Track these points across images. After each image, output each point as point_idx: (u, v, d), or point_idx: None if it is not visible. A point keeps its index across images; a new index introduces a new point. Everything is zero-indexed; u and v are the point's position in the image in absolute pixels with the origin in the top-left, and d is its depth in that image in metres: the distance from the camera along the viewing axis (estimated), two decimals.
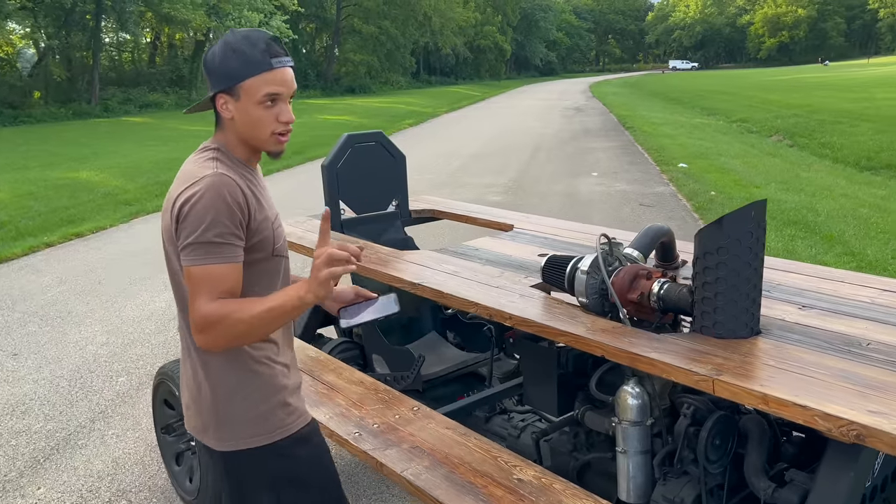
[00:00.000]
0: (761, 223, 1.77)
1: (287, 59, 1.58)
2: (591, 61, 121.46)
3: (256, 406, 1.66)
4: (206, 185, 1.51)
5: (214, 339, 1.52)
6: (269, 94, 1.55)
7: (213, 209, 1.49)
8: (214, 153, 1.60)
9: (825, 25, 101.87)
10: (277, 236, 1.65)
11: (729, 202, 8.96)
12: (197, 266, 1.50)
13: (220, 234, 1.49)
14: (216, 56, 1.57)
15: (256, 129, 1.58)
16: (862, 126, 17.72)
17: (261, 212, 1.59)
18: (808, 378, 1.56)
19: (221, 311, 1.49)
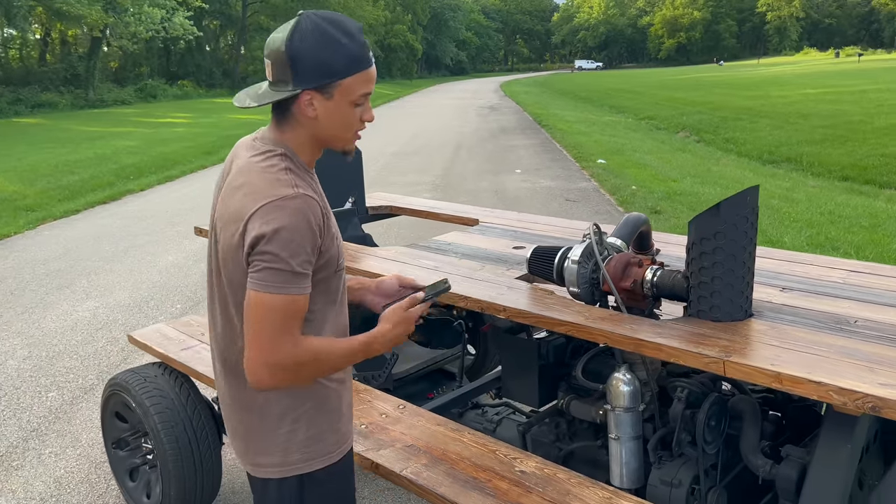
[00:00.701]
0: (755, 208, 1.82)
1: (372, 55, 1.46)
2: (500, 61, 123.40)
3: (305, 430, 1.54)
4: (293, 210, 1.35)
5: (287, 378, 1.42)
6: (365, 95, 1.43)
7: (299, 239, 1.35)
8: (285, 161, 1.43)
9: (719, 27, 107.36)
10: (341, 252, 1.52)
11: (650, 196, 9.28)
12: (282, 296, 1.35)
13: (302, 263, 1.36)
14: (307, 44, 1.37)
15: (343, 130, 1.45)
16: (761, 122, 18.75)
17: (331, 227, 1.45)
18: (814, 356, 1.61)
19: (311, 350, 1.41)
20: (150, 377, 2.78)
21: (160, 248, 7.60)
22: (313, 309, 1.46)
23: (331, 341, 1.45)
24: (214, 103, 33.92)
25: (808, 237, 6.93)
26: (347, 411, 1.63)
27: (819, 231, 7.18)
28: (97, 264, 6.99)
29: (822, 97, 24.60)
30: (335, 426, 1.58)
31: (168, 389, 2.74)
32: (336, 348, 1.45)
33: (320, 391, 1.54)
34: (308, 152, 1.49)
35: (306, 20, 1.41)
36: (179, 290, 6.05)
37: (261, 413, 1.53)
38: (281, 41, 1.40)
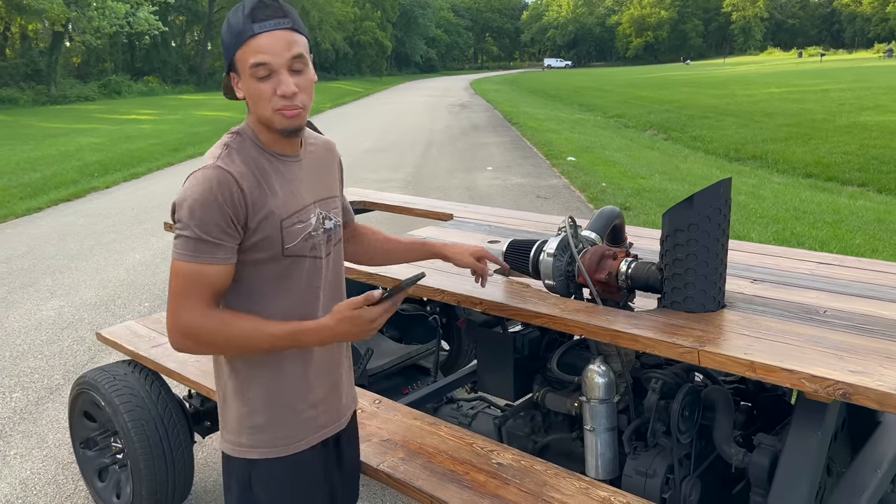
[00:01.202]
0: (728, 200, 1.84)
1: (277, 20, 1.40)
2: (470, 59, 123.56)
3: (252, 416, 1.57)
4: (201, 179, 1.41)
5: (192, 346, 1.44)
6: (255, 65, 1.39)
7: (203, 206, 1.38)
8: (231, 138, 1.49)
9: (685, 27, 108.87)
10: (290, 234, 1.48)
11: (619, 192, 9.37)
12: (186, 262, 1.40)
13: (212, 233, 1.39)
14: (222, 33, 1.46)
15: (259, 107, 1.44)
16: (727, 120, 19.04)
17: (264, 207, 1.44)
18: (785, 345, 1.64)
19: (217, 324, 1.42)
20: (120, 375, 2.74)
21: (127, 245, 7.47)
22: (256, 288, 1.49)
23: (251, 321, 1.44)
24: (181, 100, 33.46)
25: (774, 232, 7.07)
26: (313, 411, 1.61)
27: (785, 227, 7.32)
28: (62, 262, 6.85)
29: (786, 96, 25.08)
30: (287, 421, 1.57)
31: (138, 387, 2.70)
32: (255, 330, 1.43)
33: (273, 382, 1.55)
34: (266, 134, 1.50)
35: None
36: (147, 288, 5.96)
37: (223, 388, 1.59)
38: None
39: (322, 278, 1.58)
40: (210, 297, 1.43)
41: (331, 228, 1.60)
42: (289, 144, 1.53)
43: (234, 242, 1.43)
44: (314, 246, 1.54)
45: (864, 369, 1.49)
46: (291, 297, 1.52)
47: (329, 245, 1.60)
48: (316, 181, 1.60)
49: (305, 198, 1.54)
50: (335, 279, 1.64)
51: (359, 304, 1.41)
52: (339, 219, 1.65)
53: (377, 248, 1.96)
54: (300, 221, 1.51)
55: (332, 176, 1.68)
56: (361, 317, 1.41)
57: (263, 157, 1.49)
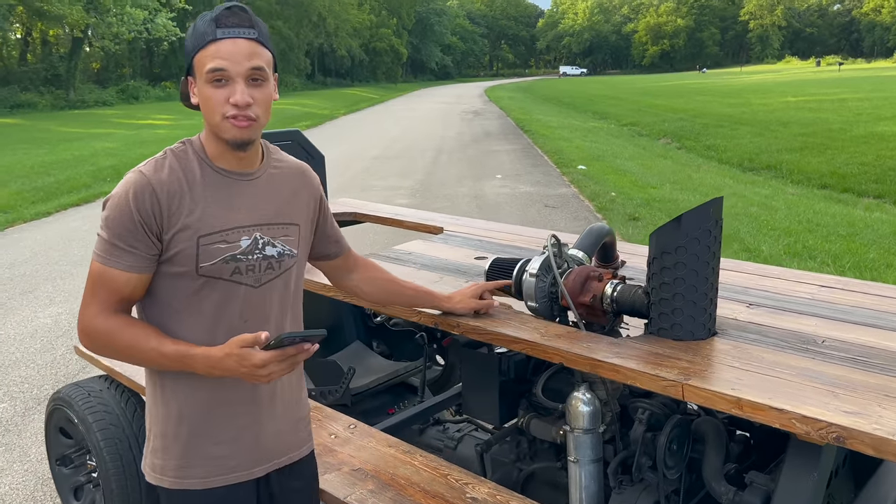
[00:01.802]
0: (719, 221, 1.73)
1: (241, 29, 1.36)
2: (486, 66, 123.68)
3: (152, 437, 1.51)
4: (123, 183, 1.40)
5: (89, 346, 1.43)
6: (211, 70, 1.34)
7: (117, 210, 1.37)
8: (176, 146, 1.46)
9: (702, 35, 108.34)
10: (207, 253, 1.40)
11: (629, 202, 9.24)
12: (96, 262, 1.40)
13: (121, 238, 1.37)
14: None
15: (209, 113, 1.38)
16: (741, 129, 18.82)
17: (181, 220, 1.38)
18: (776, 379, 1.52)
19: (108, 330, 1.39)
20: (95, 391, 2.65)
21: None
22: (168, 302, 1.43)
23: (144, 333, 1.39)
24: None
25: (785, 245, 6.90)
26: (218, 449, 1.49)
27: (797, 240, 7.15)
28: (65, 268, 6.81)
29: (802, 105, 24.79)
30: (190, 454, 1.48)
31: (113, 405, 2.61)
32: (146, 343, 1.38)
33: (183, 408, 1.47)
34: (212, 146, 1.45)
35: None
36: None
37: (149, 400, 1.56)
38: None
39: (248, 308, 1.47)
40: (114, 301, 1.40)
41: (273, 256, 1.49)
42: (237, 160, 1.45)
43: (149, 252, 1.39)
44: (238, 270, 1.44)
45: (860, 410, 1.37)
46: (203, 320, 1.44)
47: (269, 273, 1.49)
48: (266, 203, 1.50)
49: (240, 218, 1.45)
50: (277, 313, 1.52)
51: (247, 342, 1.31)
52: (291, 249, 1.53)
53: (379, 287, 1.90)
54: (224, 241, 1.42)
55: (295, 202, 1.57)
56: (248, 358, 1.31)
57: (202, 170, 1.44)
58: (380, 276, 1.90)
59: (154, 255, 1.39)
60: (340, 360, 3.13)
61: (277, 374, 1.33)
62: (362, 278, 1.87)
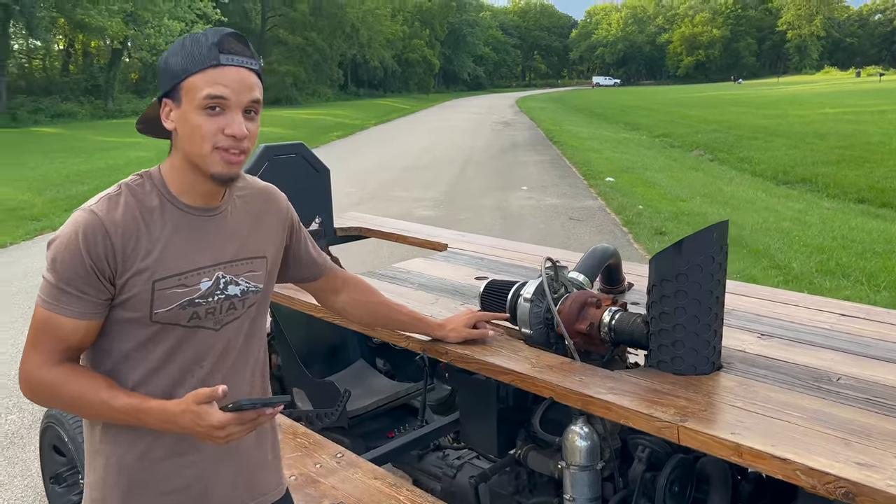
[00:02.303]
0: (723, 246, 1.60)
1: (245, 59, 1.27)
2: (518, 76, 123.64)
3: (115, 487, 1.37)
4: (71, 222, 1.27)
5: (33, 397, 1.31)
6: (210, 97, 1.23)
7: (65, 252, 1.24)
8: (131, 180, 1.32)
9: (738, 45, 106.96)
10: (163, 298, 1.28)
11: (657, 216, 9.04)
12: (43, 310, 1.27)
13: (69, 283, 1.24)
14: (166, 54, 1.29)
15: (194, 142, 1.26)
16: (777, 141, 18.41)
17: (136, 264, 1.26)
18: (782, 422, 1.38)
19: (54, 382, 1.27)
20: None
21: None
22: (119, 348, 1.31)
23: (94, 385, 1.26)
24: None
25: (818, 263, 6.66)
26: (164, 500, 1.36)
27: (830, 256, 6.90)
28: None
29: (840, 117, 24.19)
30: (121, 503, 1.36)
31: None
32: (95, 396, 1.25)
33: (112, 452, 1.35)
34: (181, 180, 1.32)
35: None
36: None
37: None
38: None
39: (207, 352, 1.36)
40: (59, 350, 1.27)
41: (235, 296, 1.38)
42: (204, 195, 1.34)
43: (100, 297, 1.26)
44: (197, 315, 1.33)
45: (874, 461, 1.23)
46: (156, 366, 1.32)
47: (231, 314, 1.38)
48: (230, 239, 1.38)
49: (200, 259, 1.33)
50: (236, 354, 1.41)
51: (203, 397, 1.19)
52: (256, 284, 1.42)
53: (369, 310, 1.80)
54: (182, 285, 1.30)
55: (261, 231, 1.46)
56: (205, 417, 1.19)
57: (162, 207, 1.31)
58: (370, 300, 1.80)
59: (106, 301, 1.27)
60: (342, 379, 3.04)
61: (236, 435, 1.22)
62: (350, 300, 1.77)
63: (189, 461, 1.37)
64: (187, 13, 33.65)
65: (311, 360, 3.04)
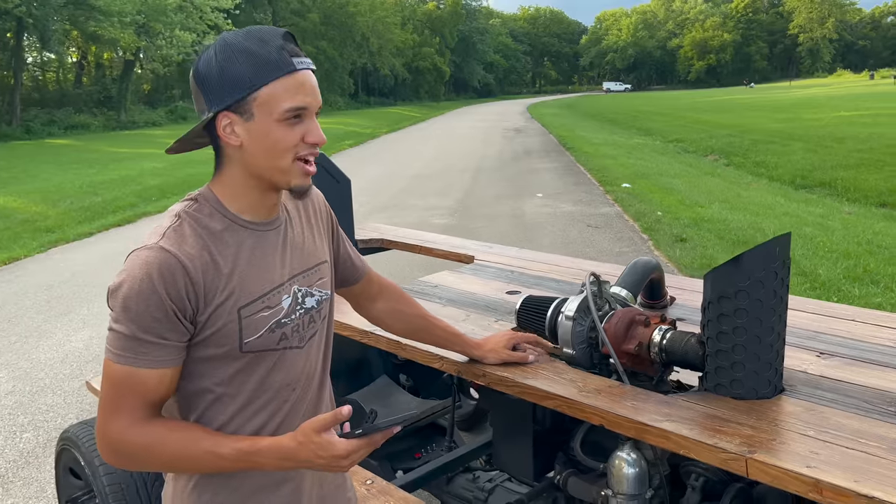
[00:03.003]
0: (786, 261, 1.48)
1: (308, 60, 1.18)
2: (528, 83, 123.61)
3: None
4: (141, 263, 1.12)
5: (121, 462, 1.16)
6: (295, 108, 1.13)
7: (139, 297, 1.11)
8: (186, 205, 1.20)
9: (749, 49, 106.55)
10: (252, 325, 1.18)
11: (676, 222, 8.89)
12: (117, 364, 1.12)
13: (148, 330, 1.11)
14: (213, 62, 1.14)
15: (276, 157, 1.15)
16: (793, 145, 18.20)
17: (219, 295, 1.16)
18: (861, 454, 1.26)
19: (146, 441, 1.13)
20: None
21: None
22: (205, 388, 1.19)
23: (192, 437, 1.14)
24: None
25: (844, 269, 6.50)
26: None
27: (857, 263, 6.73)
28: (101, 291, 6.79)
29: (856, 120, 23.93)
30: None
31: None
32: (197, 449, 1.13)
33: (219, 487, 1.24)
34: (244, 197, 1.21)
35: (218, 40, 1.18)
36: None
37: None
38: (194, 68, 1.18)
39: (299, 374, 1.26)
40: (145, 406, 1.14)
41: (313, 307, 1.29)
42: (266, 208, 1.24)
43: (181, 339, 1.14)
44: (285, 335, 1.23)
45: None
46: (249, 403, 1.22)
47: (311, 328, 1.29)
48: (296, 248, 1.29)
49: (277, 275, 1.23)
50: (319, 370, 1.32)
51: (326, 424, 1.09)
52: (326, 290, 1.33)
53: (406, 322, 1.70)
54: (267, 308, 1.20)
55: (319, 233, 1.37)
56: (328, 448, 1.09)
57: (227, 228, 1.20)
58: (408, 311, 1.69)
59: (187, 342, 1.16)
60: (364, 396, 2.94)
61: (359, 459, 1.14)
62: (388, 309, 1.67)
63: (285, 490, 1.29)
64: (198, 24, 33.82)
65: (332, 376, 2.93)
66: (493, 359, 1.77)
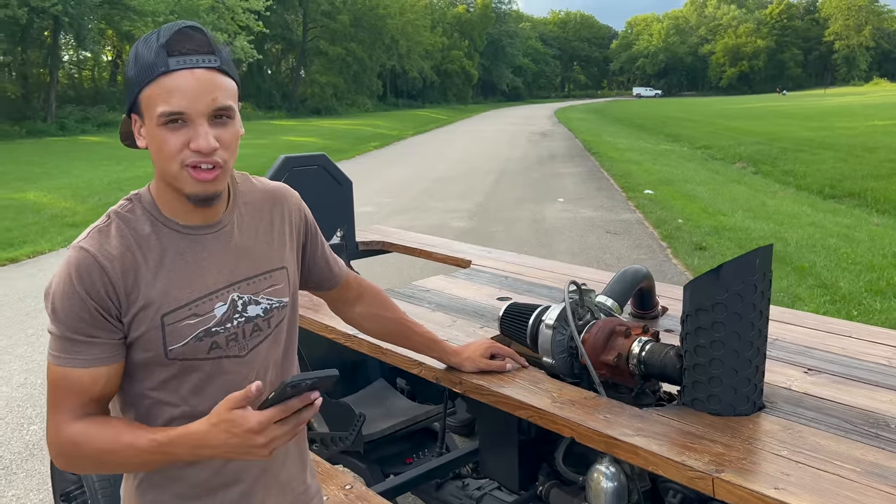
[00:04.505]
0: (767, 274, 1.44)
1: (201, 56, 1.09)
2: (557, 87, 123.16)
3: None
4: (64, 264, 1.14)
5: (66, 465, 1.16)
6: (165, 114, 1.08)
7: (63, 298, 1.11)
8: (119, 207, 1.19)
9: (783, 56, 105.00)
10: (176, 333, 1.16)
11: (696, 230, 8.77)
12: (56, 366, 1.13)
13: (77, 330, 1.11)
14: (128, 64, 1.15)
15: (164, 163, 1.12)
16: (823, 154, 17.87)
17: (140, 298, 1.14)
18: (833, 476, 1.22)
19: (73, 438, 1.12)
20: None
21: None
22: (146, 393, 1.18)
23: (114, 432, 1.12)
24: (272, 125, 34.49)
25: (867, 282, 6.34)
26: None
27: (881, 275, 6.57)
28: None
29: (891, 129, 23.42)
30: None
31: None
32: (118, 443, 1.10)
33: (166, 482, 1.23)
34: (171, 200, 1.18)
35: None
36: None
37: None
38: None
39: (236, 381, 1.22)
40: (82, 405, 1.13)
41: (258, 316, 1.24)
42: (199, 213, 1.19)
43: (113, 338, 1.13)
44: (216, 344, 1.20)
45: None
46: (193, 410, 1.19)
47: (256, 336, 1.24)
48: (241, 254, 1.24)
49: (211, 282, 1.20)
50: (272, 376, 1.28)
51: (238, 400, 1.03)
52: (279, 298, 1.28)
53: (383, 326, 1.66)
54: (194, 315, 1.17)
55: (281, 240, 1.31)
56: (240, 423, 1.02)
57: (157, 231, 1.17)
58: (386, 315, 1.65)
59: (121, 340, 1.15)
60: (360, 399, 2.93)
61: (280, 440, 1.05)
62: (365, 313, 1.63)
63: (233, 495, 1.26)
64: (230, 24, 34.21)
65: None
66: (469, 367, 1.74)
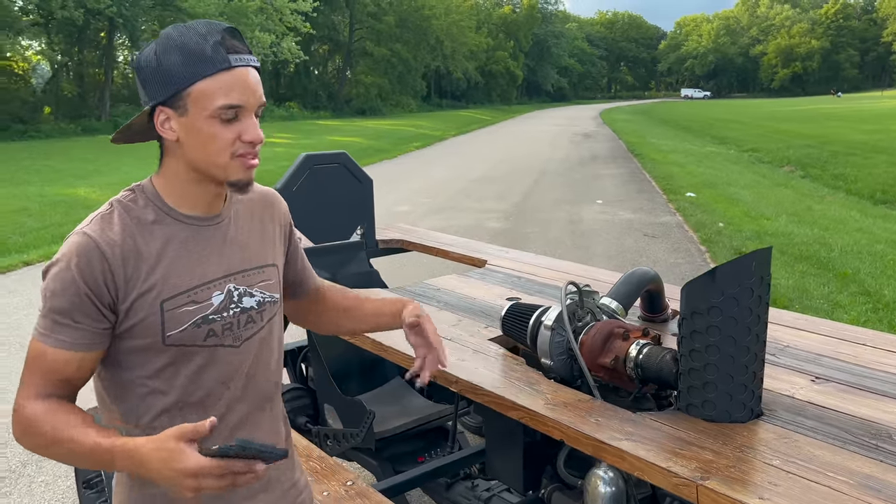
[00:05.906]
0: (765, 277, 1.40)
1: (250, 56, 1.16)
2: (603, 88, 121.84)
3: None
4: (67, 247, 1.16)
5: (20, 440, 1.17)
6: (227, 106, 1.13)
7: (58, 280, 1.14)
8: (122, 197, 1.21)
9: (839, 57, 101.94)
10: (175, 319, 1.18)
11: (737, 235, 8.58)
12: (36, 342, 1.16)
13: (63, 312, 1.14)
14: (153, 55, 1.15)
15: (211, 153, 1.15)
16: (876, 158, 17.30)
17: (140, 285, 1.16)
18: (824, 488, 1.17)
19: (30, 419, 1.13)
20: None
21: None
22: (131, 381, 1.19)
23: (65, 419, 1.12)
24: (317, 125, 34.91)
25: None
26: None
27: None
28: None
29: None
30: None
31: None
32: (64, 433, 1.11)
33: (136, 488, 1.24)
34: (183, 190, 1.21)
35: (162, 32, 1.17)
36: None
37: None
38: (136, 60, 1.19)
39: (229, 371, 1.24)
40: (50, 385, 1.15)
41: (252, 307, 1.27)
42: (206, 202, 1.23)
43: (96, 326, 1.15)
44: (213, 332, 1.22)
45: None
46: (185, 400, 1.21)
47: (250, 328, 1.27)
48: (238, 247, 1.28)
49: (209, 271, 1.22)
50: (262, 371, 1.30)
51: (185, 433, 1.02)
52: (271, 294, 1.31)
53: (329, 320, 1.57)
54: (193, 302, 1.20)
55: (268, 238, 1.35)
56: (178, 459, 1.01)
57: (160, 220, 1.20)
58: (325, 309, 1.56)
59: (104, 330, 1.16)
60: (376, 398, 2.94)
61: (209, 490, 1.02)
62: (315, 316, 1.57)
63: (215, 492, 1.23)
64: (277, 26, 34.74)
65: (345, 377, 2.95)
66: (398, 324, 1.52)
